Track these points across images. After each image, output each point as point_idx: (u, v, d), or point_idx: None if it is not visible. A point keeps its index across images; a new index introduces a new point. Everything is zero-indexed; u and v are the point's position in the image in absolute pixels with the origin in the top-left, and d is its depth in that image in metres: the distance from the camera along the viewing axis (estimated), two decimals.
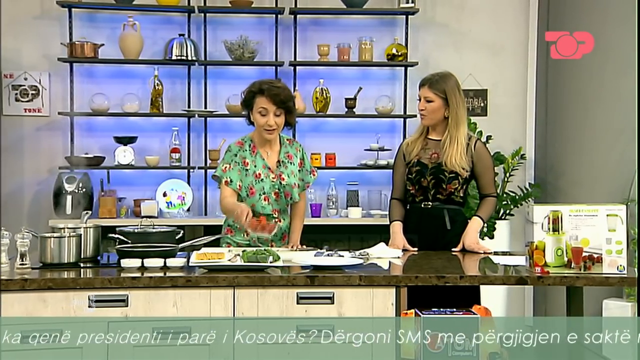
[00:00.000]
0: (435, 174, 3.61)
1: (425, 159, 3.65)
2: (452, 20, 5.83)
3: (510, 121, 5.86)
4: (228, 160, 3.60)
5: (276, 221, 3.54)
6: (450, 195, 3.63)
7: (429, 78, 3.66)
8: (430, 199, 3.64)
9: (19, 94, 5.55)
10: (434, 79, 3.65)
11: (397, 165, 3.79)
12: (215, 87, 5.66)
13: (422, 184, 3.64)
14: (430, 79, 3.65)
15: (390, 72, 5.82)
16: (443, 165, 3.60)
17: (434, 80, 3.64)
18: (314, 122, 5.76)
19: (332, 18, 5.80)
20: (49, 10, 5.52)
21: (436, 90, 3.62)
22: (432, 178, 3.62)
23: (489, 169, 3.68)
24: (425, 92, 3.63)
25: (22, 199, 5.59)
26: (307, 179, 3.69)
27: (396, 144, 5.77)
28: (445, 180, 3.60)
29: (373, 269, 3.09)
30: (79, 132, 5.54)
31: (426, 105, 3.63)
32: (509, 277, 3.02)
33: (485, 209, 3.69)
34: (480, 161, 3.63)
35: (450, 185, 3.61)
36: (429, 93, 3.62)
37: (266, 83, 3.53)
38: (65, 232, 3.14)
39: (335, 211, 5.59)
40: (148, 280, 2.85)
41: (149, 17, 5.60)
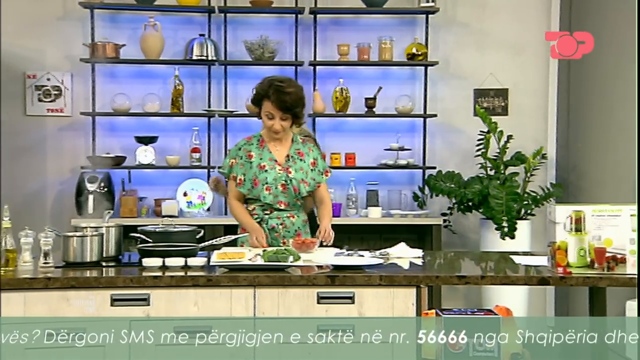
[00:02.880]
0: None
1: None
2: (473, 19, 5.80)
3: (532, 120, 5.82)
4: (233, 155, 3.66)
5: (312, 240, 3.53)
6: None
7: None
8: None
9: (42, 94, 5.60)
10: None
11: None
12: (236, 86, 5.67)
13: None
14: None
15: (410, 72, 5.81)
16: None
17: None
18: (334, 121, 5.76)
19: (352, 18, 5.79)
20: (71, 11, 5.56)
21: None
22: None
23: None
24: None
25: (45, 199, 5.64)
26: (318, 178, 3.69)
27: (416, 143, 5.77)
28: None
29: (393, 269, 3.08)
30: (101, 132, 5.58)
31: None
32: (531, 278, 2.99)
33: None
34: None
35: None
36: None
37: (275, 85, 3.52)
38: (88, 231, 3.17)
39: (355, 211, 5.58)
40: (169, 280, 2.86)
41: (169, 18, 5.63)
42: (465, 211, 5.49)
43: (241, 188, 3.61)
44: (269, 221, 3.61)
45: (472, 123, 5.69)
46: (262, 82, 3.59)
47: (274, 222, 3.60)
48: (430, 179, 5.50)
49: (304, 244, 3.39)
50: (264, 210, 3.62)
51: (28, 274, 2.90)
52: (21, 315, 2.77)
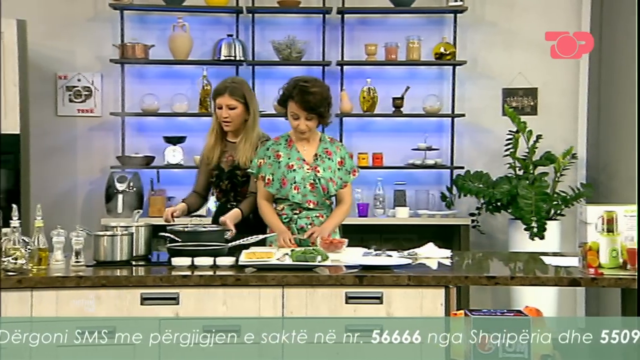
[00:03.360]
0: (230, 177, 3.75)
1: (223, 162, 3.77)
2: (502, 18, 5.75)
3: (561, 120, 5.76)
4: (261, 155, 3.68)
5: (341, 240, 3.52)
6: None
7: (226, 86, 3.72)
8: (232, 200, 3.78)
9: (73, 94, 5.67)
10: (232, 86, 3.72)
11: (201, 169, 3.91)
12: (263, 87, 5.68)
13: (221, 187, 3.78)
14: (228, 87, 3.71)
15: (438, 71, 5.78)
16: (238, 169, 3.72)
17: (232, 87, 3.71)
18: (361, 121, 5.75)
19: (379, 17, 5.78)
20: (101, 12, 5.62)
21: (237, 96, 3.69)
22: (228, 182, 3.76)
23: None
24: (228, 100, 3.69)
25: (75, 198, 5.71)
26: (345, 178, 3.68)
27: (444, 143, 5.74)
28: (239, 184, 3.74)
29: (422, 269, 3.07)
30: (130, 132, 5.63)
31: (230, 112, 3.68)
32: (561, 279, 2.96)
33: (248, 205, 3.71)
34: None
35: (245, 188, 3.74)
36: (232, 100, 3.68)
37: (299, 86, 3.54)
38: (118, 230, 3.20)
39: (382, 211, 5.57)
40: (198, 279, 2.88)
41: (198, 18, 5.66)
42: (494, 211, 5.45)
43: (269, 188, 3.63)
44: (297, 221, 3.62)
45: (501, 123, 5.65)
46: (288, 82, 3.62)
47: (303, 221, 3.61)
48: (459, 179, 5.47)
49: (332, 244, 3.39)
50: (293, 209, 3.63)
51: (60, 272, 2.94)
52: (53, 312, 2.81)
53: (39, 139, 5.40)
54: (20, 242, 2.93)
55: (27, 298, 2.82)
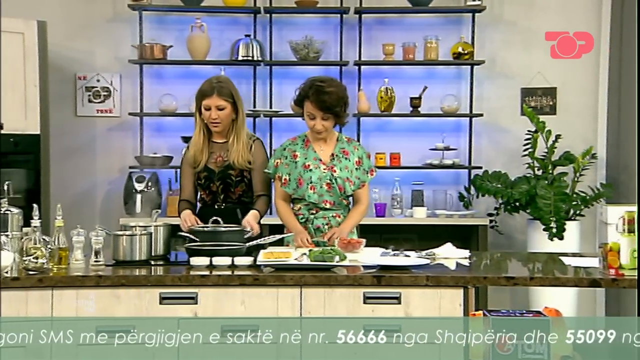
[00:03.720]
0: (223, 178, 3.65)
1: (212, 163, 3.66)
2: (521, 17, 5.72)
3: (581, 120, 5.71)
4: (278, 156, 3.69)
5: (360, 239, 3.50)
6: (240, 198, 3.69)
7: (213, 86, 3.57)
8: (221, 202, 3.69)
9: (92, 95, 5.71)
10: (219, 85, 3.58)
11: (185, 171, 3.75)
12: (281, 87, 5.70)
13: (211, 189, 3.67)
14: (215, 87, 3.57)
15: (456, 71, 5.76)
16: (230, 169, 3.62)
17: (219, 87, 3.58)
18: (379, 121, 5.74)
19: (397, 17, 5.77)
20: (120, 13, 5.65)
21: (225, 96, 3.58)
22: (220, 183, 3.66)
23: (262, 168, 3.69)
24: (217, 101, 3.56)
25: (94, 198, 5.75)
26: (363, 178, 3.68)
27: (462, 143, 5.72)
28: (233, 184, 3.65)
29: (440, 269, 3.07)
30: (148, 132, 5.66)
31: (219, 113, 3.57)
32: (581, 279, 2.94)
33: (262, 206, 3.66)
34: (255, 160, 3.66)
35: (238, 188, 3.66)
36: (220, 101, 3.56)
37: (315, 86, 3.54)
38: (137, 230, 3.22)
39: (400, 211, 5.56)
40: (217, 279, 2.89)
41: (216, 19, 5.68)
42: (512, 212, 5.42)
43: (286, 188, 3.64)
44: (314, 221, 3.62)
45: (519, 122, 5.62)
46: (304, 82, 3.62)
47: (320, 222, 3.61)
48: (477, 179, 5.44)
49: (349, 244, 3.39)
50: (310, 210, 3.63)
51: (80, 271, 2.96)
52: (73, 311, 2.83)
53: (59, 139, 5.44)
54: (41, 242, 2.96)
55: (47, 297, 2.84)
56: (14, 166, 4.97)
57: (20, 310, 2.82)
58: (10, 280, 2.83)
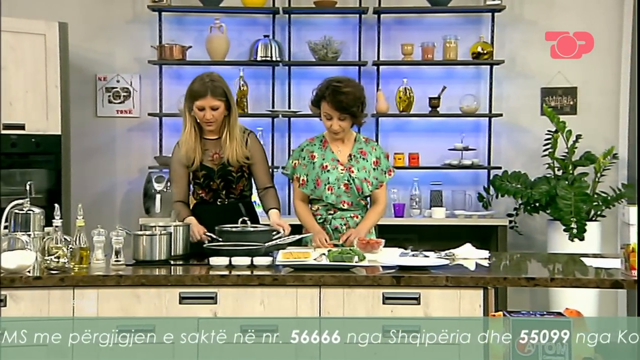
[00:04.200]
0: (223, 175, 3.60)
1: (208, 161, 3.59)
2: (541, 17, 5.68)
3: (602, 120, 5.67)
4: (296, 156, 3.71)
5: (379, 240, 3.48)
6: (242, 192, 3.66)
7: (207, 87, 3.48)
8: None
9: (112, 95, 5.75)
10: (213, 85, 3.50)
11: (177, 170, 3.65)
12: (299, 87, 5.70)
13: (211, 187, 3.62)
14: (209, 87, 3.48)
15: (475, 71, 5.73)
16: (229, 165, 3.58)
17: (213, 87, 3.50)
18: (397, 121, 5.73)
19: (416, 17, 5.75)
20: (140, 14, 5.69)
21: (219, 96, 3.51)
22: (221, 180, 3.61)
23: (264, 161, 3.69)
24: (211, 102, 3.48)
25: (114, 198, 5.79)
26: (381, 178, 3.67)
27: (481, 143, 5.69)
28: (234, 180, 3.61)
29: (459, 270, 3.05)
30: (167, 133, 5.68)
31: (213, 113, 3.50)
32: (603, 281, 2.92)
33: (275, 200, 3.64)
34: (254, 154, 3.62)
35: (240, 184, 3.63)
36: (215, 101, 3.49)
37: (332, 86, 3.53)
38: (157, 230, 3.23)
39: (418, 211, 5.54)
40: (236, 279, 2.90)
41: (234, 19, 5.70)
42: (532, 212, 5.39)
43: (304, 189, 3.64)
44: (332, 221, 3.62)
45: (539, 122, 5.58)
46: (321, 83, 3.62)
47: (338, 222, 3.61)
48: (496, 179, 5.42)
49: (368, 244, 3.39)
50: (328, 210, 3.63)
51: (101, 271, 2.98)
52: (94, 310, 2.85)
53: (79, 140, 5.48)
54: (63, 241, 2.98)
55: (69, 296, 2.86)
56: (36, 166, 5.03)
57: (42, 309, 2.84)
58: (32, 280, 2.86)
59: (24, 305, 2.84)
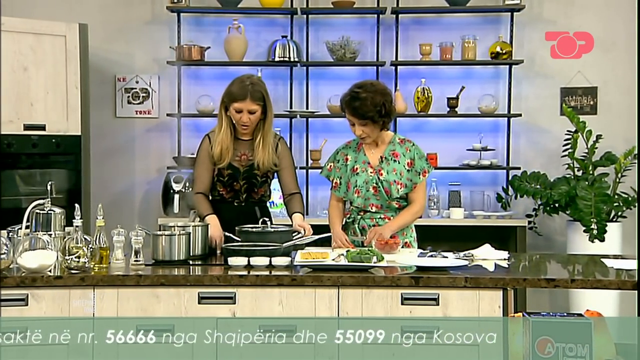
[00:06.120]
0: (248, 178, 3.61)
1: (236, 161, 3.61)
2: (560, 16, 5.64)
3: (622, 119, 5.62)
4: (332, 159, 3.74)
5: (396, 240, 3.47)
6: (261, 197, 3.68)
7: (247, 90, 3.48)
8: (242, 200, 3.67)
9: (131, 96, 5.78)
10: (253, 89, 3.49)
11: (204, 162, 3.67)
12: (317, 87, 5.71)
13: (233, 187, 3.63)
14: (249, 91, 3.48)
15: (494, 71, 5.71)
16: (255, 169, 3.59)
17: (253, 91, 3.49)
18: (416, 122, 5.72)
19: (434, 17, 5.74)
20: (159, 15, 5.72)
21: (258, 100, 3.51)
22: (245, 182, 3.62)
23: (291, 166, 3.70)
24: (249, 105, 3.49)
25: (133, 198, 5.82)
26: (415, 179, 3.63)
27: (500, 143, 5.66)
28: (258, 184, 3.63)
29: (479, 271, 3.04)
30: (186, 133, 5.71)
31: (250, 117, 3.51)
32: (624, 282, 2.89)
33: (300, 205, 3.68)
34: (283, 159, 3.64)
35: (262, 189, 3.65)
36: (253, 105, 3.50)
37: (351, 92, 3.52)
38: (176, 230, 3.25)
39: (437, 212, 5.52)
40: (254, 279, 2.91)
41: (253, 20, 5.72)
42: (551, 213, 5.35)
43: (337, 191, 3.67)
44: (360, 222, 3.63)
45: (559, 122, 5.55)
46: (345, 92, 3.60)
47: (366, 222, 3.61)
48: (515, 180, 5.39)
49: (387, 245, 3.38)
50: (359, 212, 3.64)
51: (120, 271, 3.00)
52: (114, 309, 2.87)
53: (99, 140, 5.52)
54: (83, 241, 3.00)
55: (89, 295, 2.88)
56: (56, 167, 5.07)
57: (63, 308, 2.86)
58: (53, 279, 2.88)
59: (45, 305, 2.86)
